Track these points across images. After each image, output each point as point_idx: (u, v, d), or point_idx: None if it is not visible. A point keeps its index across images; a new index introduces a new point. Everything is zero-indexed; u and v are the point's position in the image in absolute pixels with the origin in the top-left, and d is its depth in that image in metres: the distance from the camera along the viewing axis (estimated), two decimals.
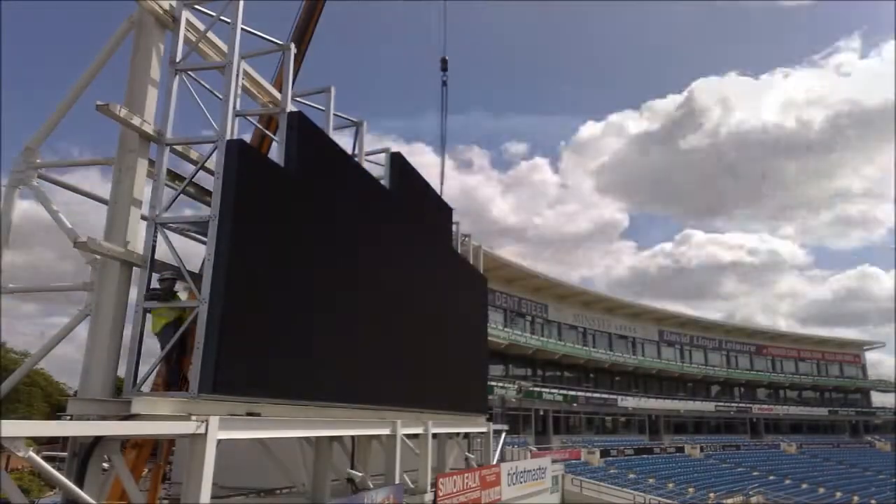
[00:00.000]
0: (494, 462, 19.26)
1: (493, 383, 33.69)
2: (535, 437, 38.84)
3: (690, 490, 37.39)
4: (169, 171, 8.95)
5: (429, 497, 14.04)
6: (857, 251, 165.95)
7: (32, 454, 5.80)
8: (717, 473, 43.39)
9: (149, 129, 8.48)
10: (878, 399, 69.43)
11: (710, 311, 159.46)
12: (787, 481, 45.31)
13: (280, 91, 10.55)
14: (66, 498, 6.79)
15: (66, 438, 7.50)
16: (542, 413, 40.84)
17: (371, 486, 12.09)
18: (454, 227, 18.43)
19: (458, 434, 18.13)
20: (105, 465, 7.66)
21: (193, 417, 7.25)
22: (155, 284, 8.58)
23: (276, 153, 9.48)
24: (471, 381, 18.20)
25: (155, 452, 11.84)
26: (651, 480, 37.13)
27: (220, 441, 7.52)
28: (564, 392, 43.11)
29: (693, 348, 58.18)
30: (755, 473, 45.31)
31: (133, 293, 8.29)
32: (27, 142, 8.83)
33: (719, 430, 55.72)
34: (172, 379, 8.99)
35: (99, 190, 9.66)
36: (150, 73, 8.79)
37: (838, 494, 44.66)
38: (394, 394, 12.54)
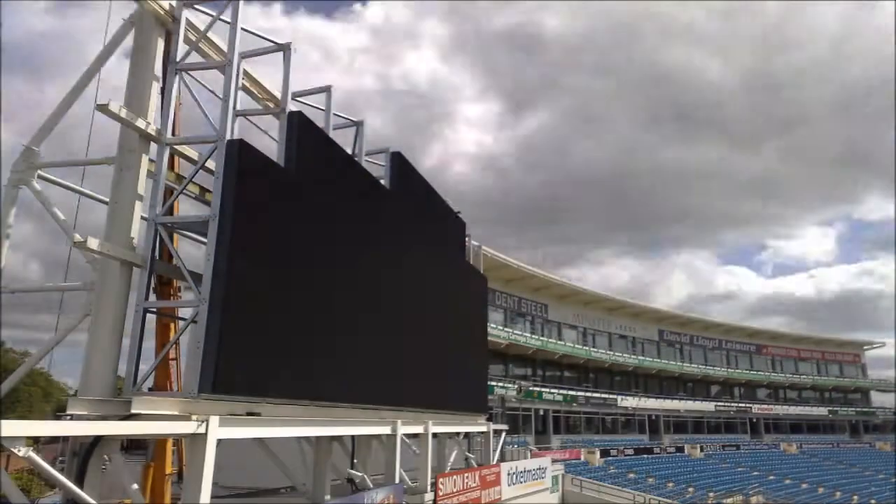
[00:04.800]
0: (494, 462, 19.26)
1: (493, 383, 33.63)
2: (535, 437, 38.82)
3: (690, 490, 37.37)
4: (169, 171, 8.97)
5: (429, 497, 14.04)
6: None
7: (32, 454, 5.81)
8: (717, 473, 43.36)
9: (149, 128, 8.48)
10: (878, 399, 69.53)
11: None
12: (787, 481, 45.29)
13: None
14: (66, 497, 6.80)
15: (66, 438, 7.50)
16: (542, 413, 40.82)
17: (371, 485, 12.09)
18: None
19: (458, 434, 18.13)
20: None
21: (194, 417, 7.26)
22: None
23: (276, 152, 9.47)
24: (471, 381, 18.19)
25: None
26: (651, 480, 37.12)
27: (220, 440, 7.53)
28: (564, 392, 43.08)
29: (693, 348, 58.13)
30: (755, 473, 45.28)
31: (133, 293, 8.30)
32: (27, 142, 8.82)
33: (719, 429, 55.68)
34: None
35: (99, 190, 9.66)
36: (150, 72, 8.79)
37: (838, 494, 44.65)
38: (394, 394, 12.53)
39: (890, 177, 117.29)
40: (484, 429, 19.29)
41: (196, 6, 9.29)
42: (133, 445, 14.16)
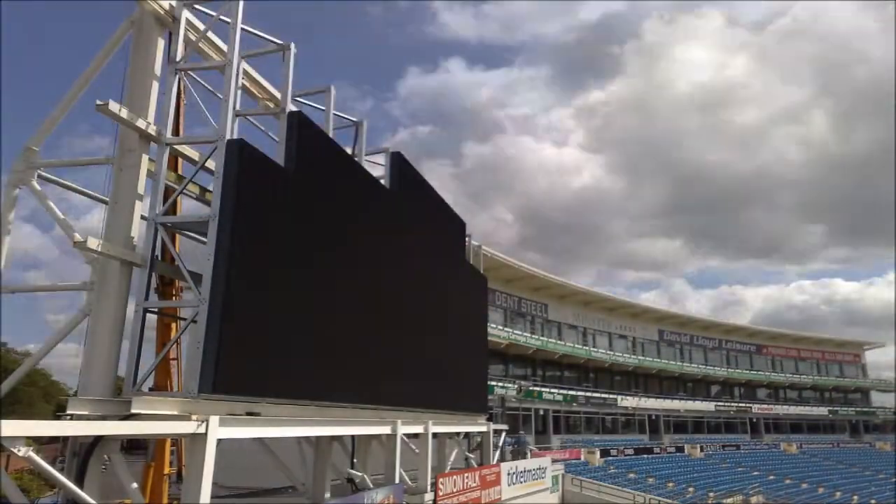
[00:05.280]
0: (494, 462, 19.26)
1: (493, 383, 33.61)
2: (535, 437, 38.80)
3: (690, 490, 37.36)
4: (170, 171, 8.96)
5: (429, 497, 14.04)
6: None
7: (32, 454, 5.80)
8: (717, 473, 43.32)
9: (149, 128, 8.48)
10: (878, 399, 69.50)
11: None
12: (787, 481, 45.27)
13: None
14: (66, 497, 6.80)
15: (66, 438, 7.49)
16: (542, 413, 40.81)
17: (371, 485, 12.08)
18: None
19: (458, 434, 18.12)
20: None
21: (194, 417, 7.26)
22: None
23: (276, 152, 9.47)
24: (471, 381, 18.19)
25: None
26: (651, 480, 37.09)
27: (220, 440, 7.53)
28: (564, 392, 43.06)
29: (693, 348, 58.10)
30: (755, 473, 45.25)
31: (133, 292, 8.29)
32: (27, 142, 8.82)
33: (719, 429, 55.62)
34: None
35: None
36: (150, 72, 8.79)
37: (838, 494, 44.62)
38: (394, 393, 12.53)
39: None
40: (484, 429, 19.28)
41: (196, 6, 9.29)
42: (133, 445, 14.16)
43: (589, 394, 45.40)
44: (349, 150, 12.67)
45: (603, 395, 46.60)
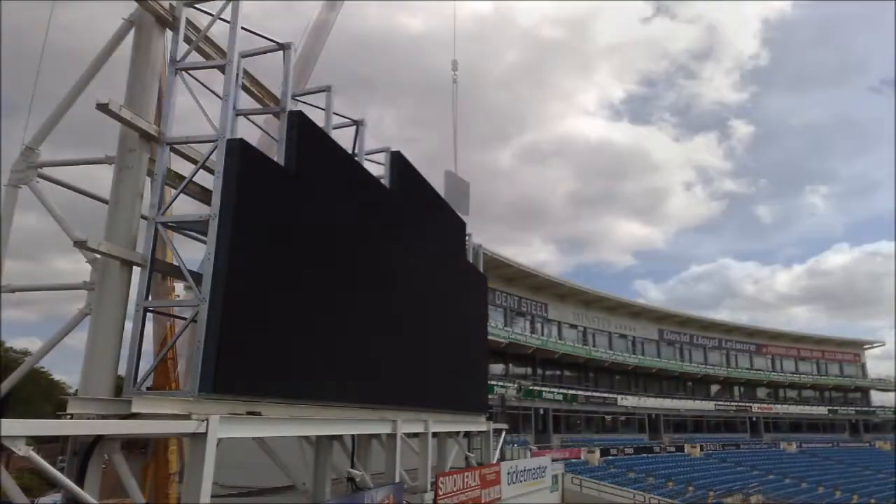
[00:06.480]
0: (494, 461, 19.26)
1: (493, 382, 33.65)
2: (535, 437, 38.84)
3: (690, 489, 37.40)
4: (169, 170, 8.96)
5: (429, 496, 14.05)
6: None
7: (32, 453, 5.80)
8: (717, 472, 43.36)
9: (149, 128, 8.48)
10: (877, 398, 69.57)
11: None
12: (787, 480, 45.33)
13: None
14: (67, 497, 6.80)
15: (66, 438, 7.50)
16: (542, 412, 40.87)
17: (371, 485, 12.09)
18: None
19: (458, 433, 18.13)
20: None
21: (194, 416, 7.26)
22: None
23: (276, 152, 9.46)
24: (471, 380, 18.19)
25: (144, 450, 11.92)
26: (651, 479, 37.13)
27: (220, 440, 7.53)
28: (564, 391, 43.11)
29: (693, 347, 58.15)
30: (755, 472, 45.30)
31: (133, 292, 8.29)
32: (27, 142, 8.82)
33: (719, 429, 55.73)
34: None
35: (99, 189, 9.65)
36: (150, 72, 8.79)
37: (838, 493, 44.65)
38: (394, 393, 12.54)
39: None
40: (484, 428, 19.29)
41: (196, 6, 9.29)
42: (133, 445, 14.17)
43: (589, 393, 45.45)
44: (349, 150, 12.66)
45: (603, 395, 46.65)
